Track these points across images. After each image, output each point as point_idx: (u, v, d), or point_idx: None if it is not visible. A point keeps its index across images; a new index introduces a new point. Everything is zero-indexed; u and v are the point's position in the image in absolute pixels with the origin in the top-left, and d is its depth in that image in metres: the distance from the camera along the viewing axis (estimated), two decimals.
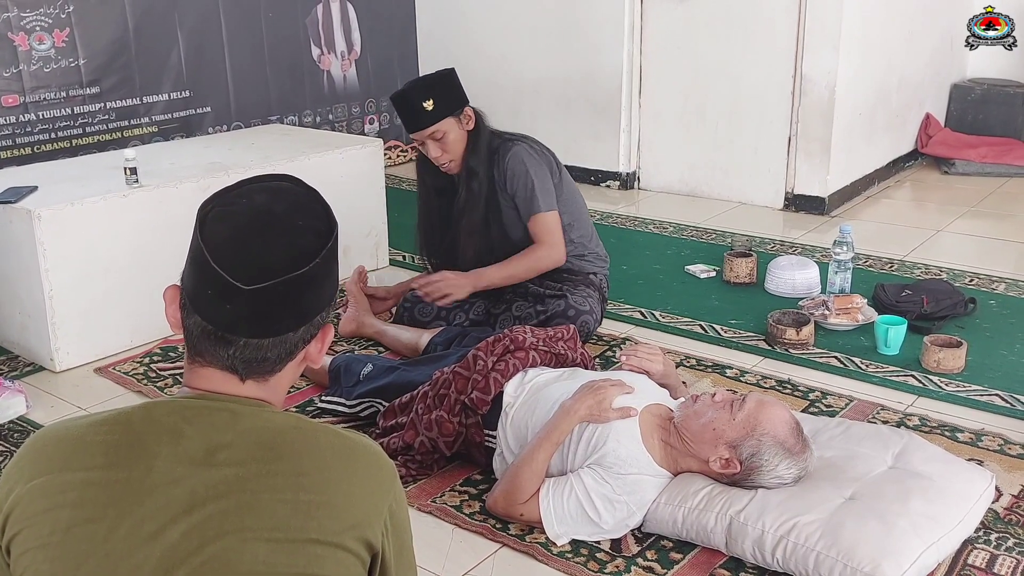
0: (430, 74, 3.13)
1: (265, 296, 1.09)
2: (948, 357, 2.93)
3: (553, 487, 2.13)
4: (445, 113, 3.00)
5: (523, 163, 3.06)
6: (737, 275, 3.72)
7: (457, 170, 3.09)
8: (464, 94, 3.09)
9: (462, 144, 3.05)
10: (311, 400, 2.82)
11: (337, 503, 1.09)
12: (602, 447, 2.12)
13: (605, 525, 2.10)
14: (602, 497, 2.08)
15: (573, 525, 2.11)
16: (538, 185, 3.06)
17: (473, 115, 3.07)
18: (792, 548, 1.95)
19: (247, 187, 1.17)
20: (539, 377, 2.41)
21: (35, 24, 4.06)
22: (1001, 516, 2.20)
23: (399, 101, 3.05)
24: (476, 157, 3.07)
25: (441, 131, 3.00)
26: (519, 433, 2.29)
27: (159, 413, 1.12)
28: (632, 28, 5.01)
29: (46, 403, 2.87)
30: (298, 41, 5.15)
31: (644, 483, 2.11)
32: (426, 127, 3.00)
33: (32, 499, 1.07)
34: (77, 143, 4.28)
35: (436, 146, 3.03)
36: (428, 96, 2.98)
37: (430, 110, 2.97)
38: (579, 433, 2.17)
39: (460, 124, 3.04)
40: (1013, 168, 5.28)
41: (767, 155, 4.78)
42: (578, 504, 2.09)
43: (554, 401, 2.26)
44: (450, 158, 3.05)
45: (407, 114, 3.04)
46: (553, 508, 2.11)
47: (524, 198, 3.07)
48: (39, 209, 2.94)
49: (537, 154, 3.12)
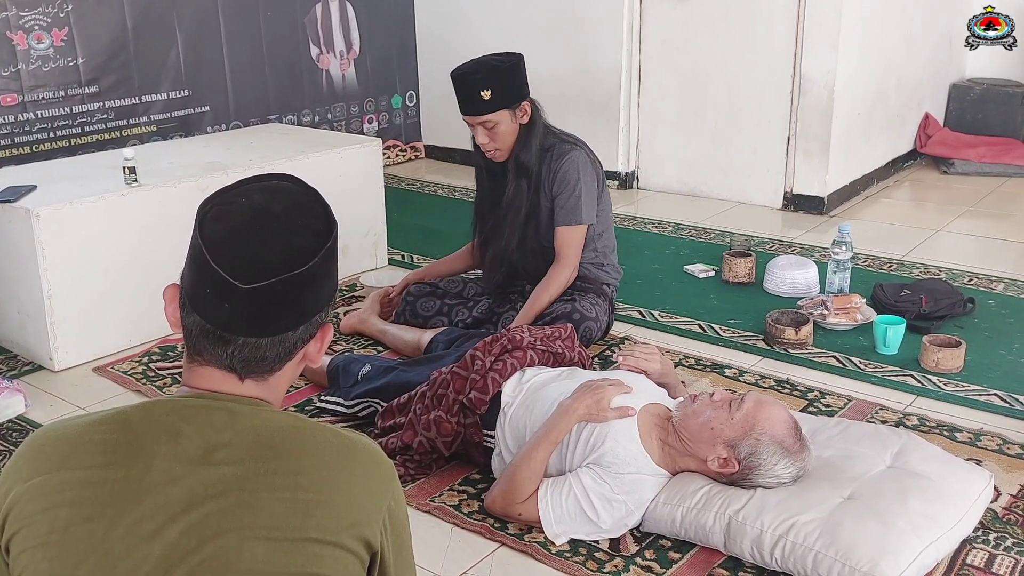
0: (498, 58, 3.02)
1: (263, 295, 1.09)
2: (947, 357, 2.93)
3: (552, 487, 2.13)
4: (501, 105, 2.95)
5: (577, 171, 3.03)
6: (736, 275, 3.72)
7: (503, 159, 3.05)
8: (526, 86, 3.03)
9: (512, 136, 3.01)
10: (310, 399, 2.82)
11: (336, 502, 1.09)
12: (600, 447, 2.12)
13: (603, 524, 2.10)
14: (600, 497, 2.08)
15: (571, 524, 2.11)
16: (584, 197, 3.03)
17: (529, 110, 3.02)
18: (791, 547, 1.95)
19: (246, 186, 1.16)
20: (537, 377, 2.41)
21: (34, 23, 4.06)
22: (1000, 516, 2.20)
23: (458, 82, 2.99)
24: (527, 152, 3.03)
25: (493, 121, 2.96)
26: (517, 433, 2.29)
27: (157, 412, 1.12)
28: (631, 27, 5.01)
29: (45, 402, 2.87)
30: (297, 40, 5.15)
31: (642, 482, 2.11)
32: (479, 115, 2.95)
33: (31, 498, 1.07)
34: (76, 142, 4.27)
35: (485, 134, 2.99)
36: (488, 86, 2.92)
37: (487, 99, 2.92)
38: (577, 433, 2.17)
39: (514, 117, 2.99)
40: (1012, 168, 5.28)
41: (766, 155, 4.79)
42: (576, 504, 2.09)
43: (552, 401, 2.26)
44: (496, 147, 3.01)
45: (463, 96, 2.98)
46: (552, 508, 2.11)
47: (565, 205, 3.03)
48: (38, 208, 2.94)
49: (592, 164, 3.09)
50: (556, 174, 3.03)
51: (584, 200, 3.03)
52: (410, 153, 5.97)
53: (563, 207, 3.04)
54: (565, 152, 3.04)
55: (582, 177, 3.03)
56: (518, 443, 2.27)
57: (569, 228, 3.05)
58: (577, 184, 3.02)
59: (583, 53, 5.11)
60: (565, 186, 3.03)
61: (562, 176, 3.03)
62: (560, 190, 3.04)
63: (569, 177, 3.02)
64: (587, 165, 3.06)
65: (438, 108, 5.84)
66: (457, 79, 2.99)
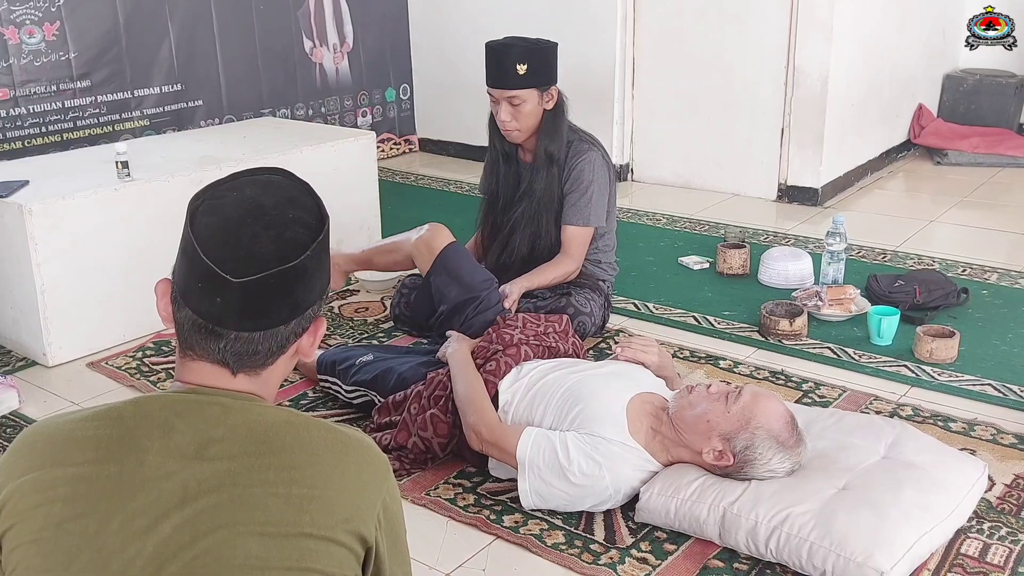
0: (535, 39, 3.04)
1: (255, 289, 1.09)
2: (941, 347, 2.93)
3: (538, 432, 2.16)
4: (533, 83, 2.95)
5: (592, 172, 3.04)
6: (730, 266, 3.72)
7: (520, 140, 3.06)
8: (556, 73, 3.04)
9: (534, 119, 3.01)
10: (304, 394, 2.82)
11: (329, 497, 1.09)
12: (587, 425, 2.14)
13: (573, 473, 2.08)
14: (580, 450, 2.10)
15: (542, 468, 2.11)
16: (596, 199, 3.05)
17: (556, 96, 3.03)
18: (785, 539, 1.95)
19: (238, 180, 1.16)
20: (535, 370, 2.40)
21: (25, 17, 4.04)
22: (994, 505, 2.21)
23: (494, 53, 2.97)
24: (557, 143, 3.03)
25: (521, 99, 2.96)
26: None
27: (150, 408, 1.12)
28: (625, 20, 5.00)
29: (39, 398, 2.87)
30: (290, 34, 5.14)
31: (625, 457, 2.12)
32: (510, 88, 2.94)
33: (23, 494, 1.07)
34: (68, 137, 4.26)
35: (509, 111, 2.98)
36: (525, 60, 2.92)
37: (522, 74, 2.92)
38: (565, 417, 2.19)
39: (541, 99, 2.99)
40: (1005, 158, 5.30)
41: (760, 146, 4.79)
42: (553, 453, 2.11)
43: (551, 394, 2.26)
44: (517, 127, 3.01)
45: (496, 68, 2.97)
46: (529, 447, 2.13)
47: (576, 204, 3.05)
48: (30, 203, 2.93)
49: (606, 167, 3.11)
50: (571, 172, 3.05)
51: (595, 202, 3.05)
52: (404, 146, 5.96)
53: (573, 206, 3.06)
54: (582, 151, 3.06)
55: (596, 179, 3.05)
56: None
57: (575, 228, 3.07)
58: (591, 185, 3.04)
59: (577, 45, 5.09)
60: (578, 185, 3.05)
61: (576, 174, 3.05)
62: (572, 188, 3.06)
63: (584, 177, 3.04)
64: (602, 168, 3.08)
65: (432, 101, 5.84)
66: (495, 49, 2.98)
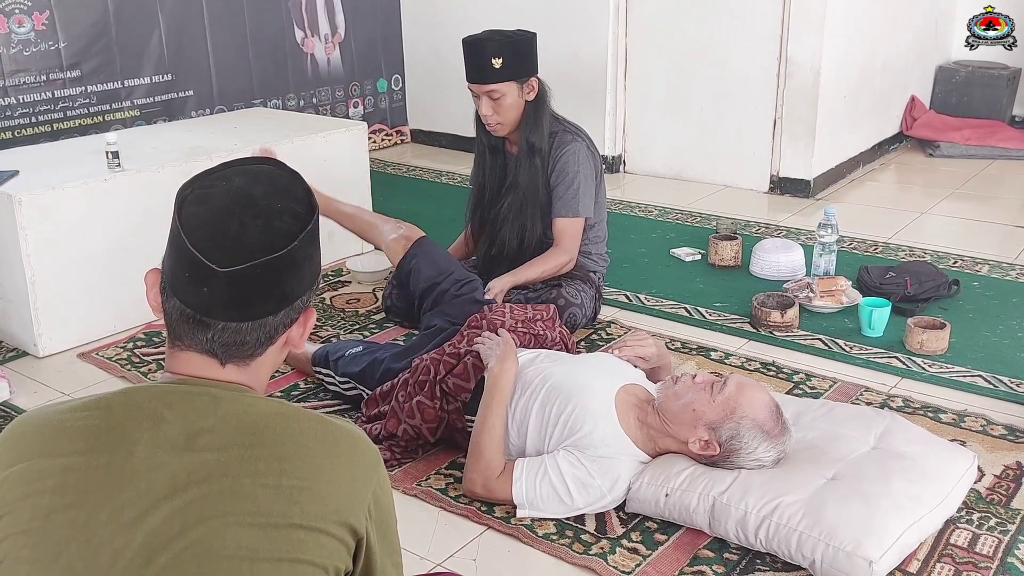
0: (512, 31, 3.03)
1: (242, 279, 1.08)
2: (931, 339, 2.94)
3: (527, 467, 2.14)
4: (511, 76, 2.94)
5: (577, 163, 3.03)
6: (722, 258, 3.73)
7: (503, 133, 3.05)
8: (535, 63, 3.03)
9: (516, 112, 3.00)
10: (295, 385, 2.82)
11: (320, 488, 1.09)
12: (579, 430, 2.13)
13: (577, 505, 2.12)
14: (576, 481, 2.09)
15: (543, 505, 2.12)
16: (582, 189, 3.04)
17: (537, 87, 3.02)
18: (775, 528, 1.96)
19: (227, 170, 1.15)
20: (521, 358, 2.41)
21: (14, 7, 4.02)
22: (983, 496, 2.22)
23: (470, 48, 2.97)
24: (538, 134, 3.02)
25: (500, 92, 2.95)
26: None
27: (140, 398, 1.11)
28: (617, 11, 4.99)
29: (29, 388, 2.86)
30: (281, 24, 5.12)
31: (620, 464, 2.12)
32: (488, 83, 2.94)
33: (12, 486, 1.07)
34: (58, 127, 4.24)
35: (490, 105, 2.98)
36: (500, 54, 2.91)
37: (497, 68, 2.91)
38: (556, 415, 2.18)
39: (521, 92, 2.98)
40: (997, 150, 5.30)
41: (752, 138, 4.79)
42: (551, 488, 2.10)
43: (532, 383, 2.26)
44: (499, 120, 3.00)
45: (473, 63, 2.97)
46: (525, 489, 2.12)
47: (563, 196, 3.04)
48: (20, 194, 2.92)
49: (591, 157, 3.09)
50: (556, 163, 3.04)
51: (582, 193, 3.04)
52: (396, 137, 5.95)
53: (560, 198, 3.05)
54: (566, 143, 3.05)
55: (581, 170, 3.04)
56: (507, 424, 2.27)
57: (565, 220, 3.06)
58: (576, 176, 3.03)
59: (569, 37, 5.08)
60: (563, 178, 3.04)
61: (561, 167, 3.04)
62: (558, 181, 3.04)
63: (568, 168, 3.03)
64: (587, 159, 3.07)
65: (424, 92, 5.82)
66: (470, 45, 2.98)
